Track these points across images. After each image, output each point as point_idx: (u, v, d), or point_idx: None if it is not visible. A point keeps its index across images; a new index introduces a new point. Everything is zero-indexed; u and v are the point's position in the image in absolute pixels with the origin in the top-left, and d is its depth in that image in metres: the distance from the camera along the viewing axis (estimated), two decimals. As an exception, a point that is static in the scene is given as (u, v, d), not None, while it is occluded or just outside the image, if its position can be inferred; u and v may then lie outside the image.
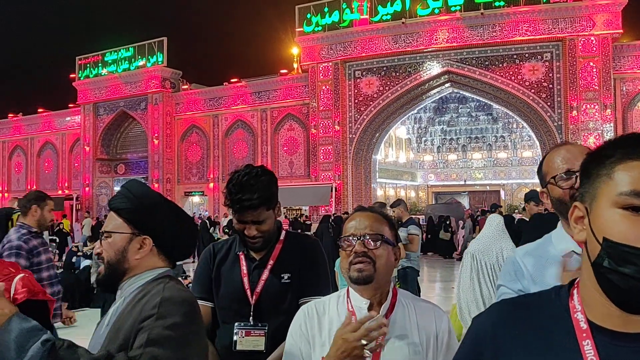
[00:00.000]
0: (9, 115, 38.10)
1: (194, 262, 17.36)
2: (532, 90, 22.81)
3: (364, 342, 1.66)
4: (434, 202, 34.88)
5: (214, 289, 2.57)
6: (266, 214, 2.44)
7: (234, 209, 2.43)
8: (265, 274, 2.50)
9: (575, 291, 1.08)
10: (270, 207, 2.46)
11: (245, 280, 2.50)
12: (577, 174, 1.79)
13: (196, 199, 31.27)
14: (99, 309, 11.17)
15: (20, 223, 4.59)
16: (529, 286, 1.86)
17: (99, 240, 1.89)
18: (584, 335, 1.00)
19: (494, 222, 5.49)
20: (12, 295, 2.63)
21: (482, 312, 1.20)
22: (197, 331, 1.72)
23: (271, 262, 2.52)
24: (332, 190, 24.93)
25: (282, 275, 2.49)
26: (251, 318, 2.44)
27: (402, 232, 7.79)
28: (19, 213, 4.16)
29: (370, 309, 1.86)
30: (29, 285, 2.67)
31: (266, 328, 2.43)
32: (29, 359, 1.51)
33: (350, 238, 1.87)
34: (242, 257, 2.56)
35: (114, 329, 1.73)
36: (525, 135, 31.82)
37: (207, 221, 23.34)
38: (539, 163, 2.09)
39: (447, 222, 21.98)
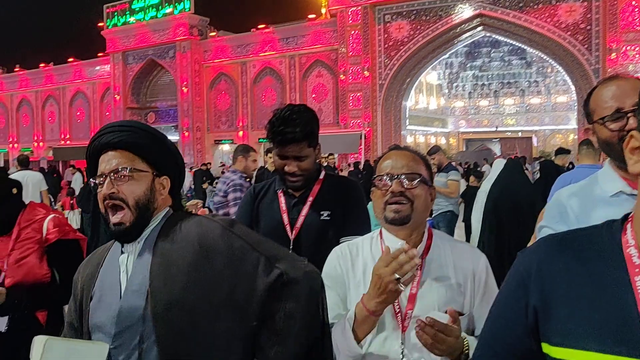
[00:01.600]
0: (41, 65, 38.44)
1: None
2: (569, 33, 21.98)
3: (397, 276, 1.63)
4: (464, 149, 34.46)
5: (255, 226, 2.60)
6: (307, 151, 2.46)
7: (275, 142, 2.45)
8: (304, 210, 2.52)
9: (629, 225, 1.02)
10: (311, 144, 2.48)
11: (285, 216, 2.53)
12: (629, 114, 1.69)
13: (226, 147, 31.43)
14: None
15: (232, 169, 5.66)
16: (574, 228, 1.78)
17: (107, 181, 1.60)
18: (637, 270, 0.95)
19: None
20: (44, 235, 2.70)
21: (527, 247, 1.15)
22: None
23: (310, 198, 2.54)
24: (361, 138, 24.76)
25: (322, 212, 2.51)
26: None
27: (442, 178, 7.84)
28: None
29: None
30: (59, 225, 2.73)
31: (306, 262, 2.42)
32: None
33: (386, 177, 1.81)
34: (281, 194, 2.59)
35: (169, 284, 1.51)
36: (560, 80, 30.91)
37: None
38: (586, 96, 1.93)
39: (478, 169, 21.74)
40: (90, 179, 1.67)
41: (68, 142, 36.32)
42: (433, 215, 7.95)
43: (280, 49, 28.38)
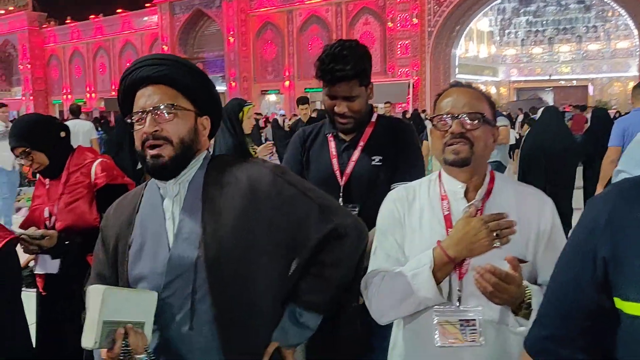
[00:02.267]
0: (90, 17, 38.93)
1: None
2: (633, -27, 20.75)
3: (497, 232, 1.56)
4: (515, 99, 33.46)
5: (305, 172, 2.50)
6: (358, 90, 2.31)
7: (325, 81, 2.30)
8: (355, 155, 2.39)
9: None
10: (363, 83, 2.32)
11: (335, 161, 2.42)
12: None
13: (272, 97, 31.40)
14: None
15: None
16: None
17: (149, 118, 1.47)
18: None
19: None
20: (93, 179, 2.73)
21: (597, 195, 1.06)
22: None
23: (362, 143, 2.40)
24: (409, 87, 24.30)
25: (373, 157, 2.37)
26: (340, 200, 2.35)
27: None
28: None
29: (465, 193, 1.72)
30: (108, 170, 2.76)
31: (357, 209, 2.34)
32: None
33: (446, 117, 1.69)
34: (331, 138, 2.46)
35: (220, 231, 1.46)
36: (622, 24, 29.39)
37: (277, 119, 23.50)
38: None
39: (530, 117, 21.08)
40: (127, 117, 1.55)
41: (118, 93, 37.01)
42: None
43: (327, -4, 27.82)
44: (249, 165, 1.58)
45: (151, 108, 1.47)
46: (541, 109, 7.70)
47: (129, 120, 1.54)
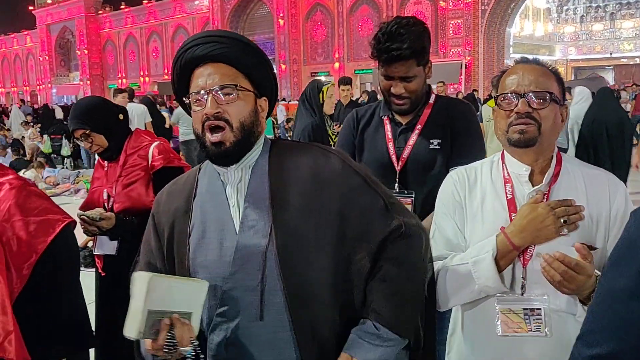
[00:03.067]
0: (144, 1, 39.67)
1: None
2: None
3: (564, 219, 1.51)
4: (573, 78, 32.33)
5: (357, 156, 2.42)
6: (416, 70, 2.22)
7: (380, 60, 2.22)
8: (412, 139, 2.30)
9: None
10: (420, 63, 2.23)
11: (391, 145, 2.33)
12: None
13: (322, 79, 31.39)
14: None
15: None
16: None
17: (209, 98, 1.39)
18: None
19: None
20: (150, 162, 2.77)
21: None
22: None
23: (419, 126, 2.31)
24: (461, 68, 23.79)
25: (432, 141, 2.28)
26: (397, 185, 2.29)
27: None
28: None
29: (530, 177, 1.64)
30: (164, 153, 2.78)
31: (413, 196, 2.27)
32: None
33: (511, 95, 1.60)
34: (386, 121, 2.38)
35: (288, 220, 1.41)
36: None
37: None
38: None
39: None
40: (184, 97, 1.47)
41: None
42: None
43: (377, -25, 27.44)
44: (314, 151, 1.51)
45: (211, 88, 1.40)
46: (578, 89, 7.95)
47: (186, 101, 1.47)
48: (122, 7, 41.73)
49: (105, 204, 2.71)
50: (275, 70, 1.69)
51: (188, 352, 1.35)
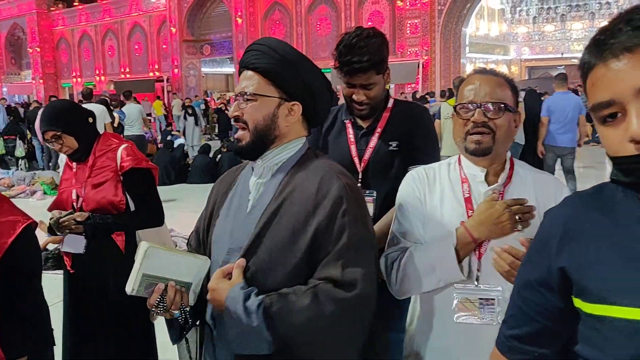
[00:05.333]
0: (98, -1, 38.86)
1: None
2: (647, -52, 20.38)
3: (519, 216, 1.63)
4: (526, 77, 33.16)
5: None
6: (375, 78, 2.38)
7: (342, 72, 2.37)
8: (373, 141, 2.46)
9: None
10: (380, 72, 2.39)
11: (353, 147, 2.48)
12: None
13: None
14: (195, 184, 11.84)
15: None
16: None
17: (235, 103, 1.66)
18: None
19: None
20: (119, 164, 2.82)
21: (553, 207, 1.15)
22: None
23: (379, 129, 2.47)
24: (419, 67, 24.13)
25: (390, 143, 2.45)
26: (359, 185, 2.41)
27: None
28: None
29: (486, 178, 1.78)
30: (133, 154, 2.84)
31: (374, 195, 2.42)
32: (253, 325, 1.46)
33: (469, 105, 1.72)
34: (349, 125, 2.53)
35: (277, 217, 1.57)
36: (636, 1, 28.93)
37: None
38: None
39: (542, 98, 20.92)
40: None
41: (128, 75, 37.00)
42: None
43: (335, -25, 27.55)
44: (326, 171, 1.61)
45: (237, 93, 1.65)
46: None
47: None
48: (75, 4, 40.73)
49: (74, 204, 2.76)
50: (233, 70, 1.75)
51: (176, 314, 1.61)
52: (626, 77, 0.89)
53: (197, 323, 1.75)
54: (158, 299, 1.57)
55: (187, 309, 1.62)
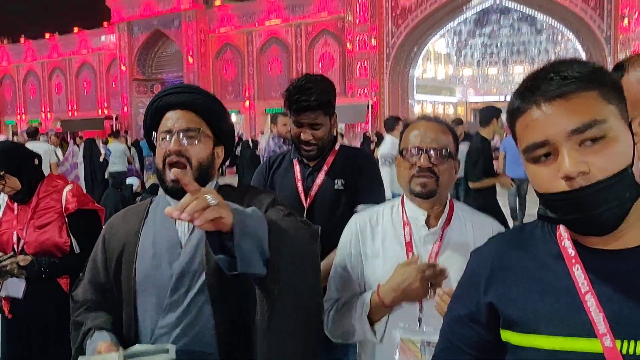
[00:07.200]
0: (46, 34, 38.19)
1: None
2: (580, -1, 21.59)
3: (431, 282, 1.71)
4: (472, 119, 34.21)
5: None
6: (322, 119, 2.49)
7: (292, 110, 2.48)
8: (319, 179, 2.55)
9: None
10: (327, 113, 2.51)
11: (299, 184, 2.57)
12: None
13: (232, 117, 31.34)
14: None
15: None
16: None
17: (174, 138, 1.60)
18: (573, 261, 1.03)
19: None
20: (64, 205, 2.76)
21: (481, 245, 1.22)
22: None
23: (325, 167, 2.57)
24: (368, 108, 24.61)
25: (336, 181, 2.53)
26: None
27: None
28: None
29: (427, 221, 1.83)
30: (78, 196, 2.80)
31: (319, 231, 2.45)
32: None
33: (414, 150, 1.79)
34: (296, 163, 2.62)
35: None
36: (571, 48, 30.41)
37: (249, 140, 23.49)
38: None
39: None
40: (154, 133, 1.69)
41: (76, 113, 36.32)
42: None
43: (286, 17, 28.04)
44: (250, 198, 1.68)
45: (178, 130, 1.61)
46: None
47: (154, 139, 1.69)
48: (21, 40, 39.95)
49: (15, 246, 2.66)
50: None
51: None
52: (558, 121, 0.97)
53: None
54: None
55: None
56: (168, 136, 1.62)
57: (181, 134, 1.60)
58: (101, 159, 12.82)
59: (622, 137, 0.97)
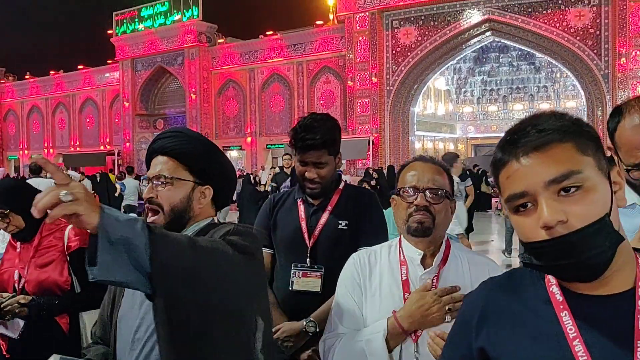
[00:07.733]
0: (51, 72, 38.74)
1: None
2: (578, 37, 21.90)
3: (449, 307, 1.70)
4: (472, 155, 34.36)
5: (272, 233, 2.64)
6: (327, 158, 2.51)
7: (297, 148, 2.51)
8: (323, 219, 2.55)
9: None
10: (331, 152, 2.53)
11: (303, 224, 2.57)
12: None
13: (234, 153, 31.53)
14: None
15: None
16: None
17: (149, 185, 1.71)
18: (561, 307, 1.05)
19: None
20: (66, 244, 2.74)
21: (472, 291, 1.23)
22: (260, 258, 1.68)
23: (329, 207, 2.57)
24: (369, 144, 24.75)
25: (340, 222, 2.54)
26: (308, 260, 2.50)
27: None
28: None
29: (423, 260, 1.85)
30: (81, 234, 2.77)
31: (322, 270, 2.48)
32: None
33: (411, 190, 1.83)
34: (300, 203, 2.62)
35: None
36: (570, 85, 30.81)
37: (250, 174, 23.54)
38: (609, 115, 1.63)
39: (488, 175, 21.64)
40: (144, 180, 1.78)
41: (78, 148, 36.55)
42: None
43: (288, 55, 28.43)
44: (215, 231, 1.68)
45: (151, 177, 1.72)
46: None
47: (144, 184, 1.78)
48: (26, 77, 40.48)
49: (16, 285, 2.64)
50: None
51: None
52: (536, 172, 1.01)
53: None
54: None
55: None
56: (146, 184, 1.73)
57: (154, 181, 1.70)
58: (116, 194, 13.91)
59: (599, 187, 1.01)
